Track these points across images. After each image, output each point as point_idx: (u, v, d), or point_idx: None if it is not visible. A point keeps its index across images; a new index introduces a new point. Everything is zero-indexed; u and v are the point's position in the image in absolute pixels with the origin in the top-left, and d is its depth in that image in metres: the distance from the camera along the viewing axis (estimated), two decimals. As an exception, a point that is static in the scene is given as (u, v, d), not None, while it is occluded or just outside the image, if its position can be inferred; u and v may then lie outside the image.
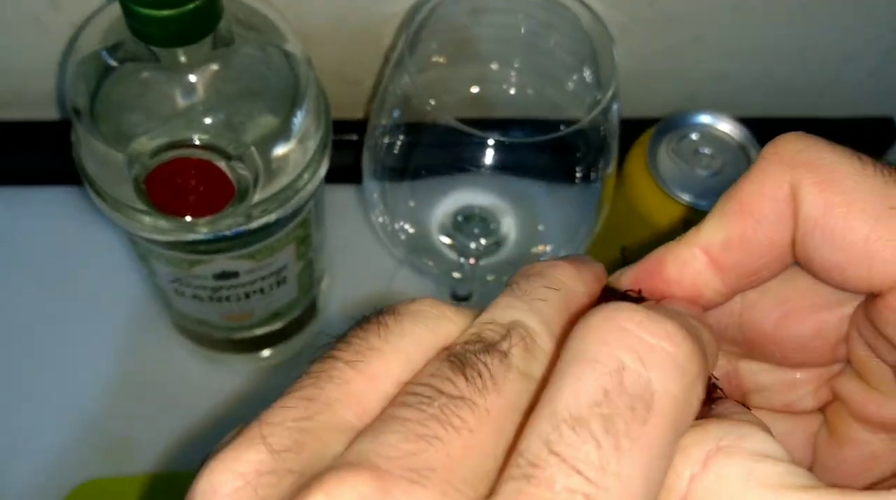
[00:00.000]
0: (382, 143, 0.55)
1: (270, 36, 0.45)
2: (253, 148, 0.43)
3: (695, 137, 0.56)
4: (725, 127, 0.56)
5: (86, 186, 0.46)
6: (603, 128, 0.51)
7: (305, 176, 0.47)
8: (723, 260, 0.25)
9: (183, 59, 0.41)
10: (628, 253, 0.60)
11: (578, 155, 0.52)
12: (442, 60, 0.56)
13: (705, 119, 0.56)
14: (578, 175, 0.54)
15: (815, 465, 0.28)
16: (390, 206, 0.57)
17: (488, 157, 0.50)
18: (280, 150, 0.45)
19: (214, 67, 0.42)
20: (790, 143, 0.24)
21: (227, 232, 0.46)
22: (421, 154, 0.55)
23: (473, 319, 0.22)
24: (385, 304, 0.23)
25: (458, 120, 0.48)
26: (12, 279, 0.63)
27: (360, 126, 0.61)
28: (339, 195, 0.65)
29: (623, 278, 0.26)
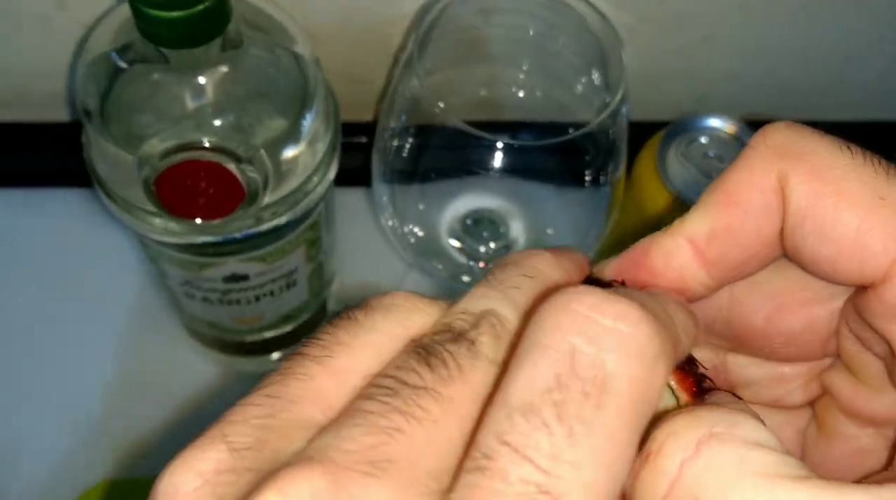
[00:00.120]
0: (391, 145, 0.55)
1: (279, 38, 0.45)
2: (262, 150, 0.43)
3: (704, 140, 0.56)
4: (735, 130, 0.56)
5: (96, 188, 0.46)
6: (612, 131, 0.51)
7: (315, 179, 0.47)
8: (708, 252, 0.24)
9: (192, 60, 0.41)
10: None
11: (587, 158, 0.52)
12: (451, 62, 0.56)
13: (715, 122, 0.56)
14: (588, 178, 0.54)
15: (804, 460, 0.27)
16: (399, 209, 0.57)
17: (497, 160, 0.50)
18: (290, 152, 0.45)
19: (224, 69, 0.42)
20: (778, 132, 0.23)
21: (237, 235, 0.46)
22: (430, 157, 0.55)
23: (448, 310, 0.21)
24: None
25: (467, 123, 0.48)
26: (21, 281, 0.64)
27: (369, 128, 0.61)
28: (349, 198, 0.65)
29: (607, 268, 0.26)
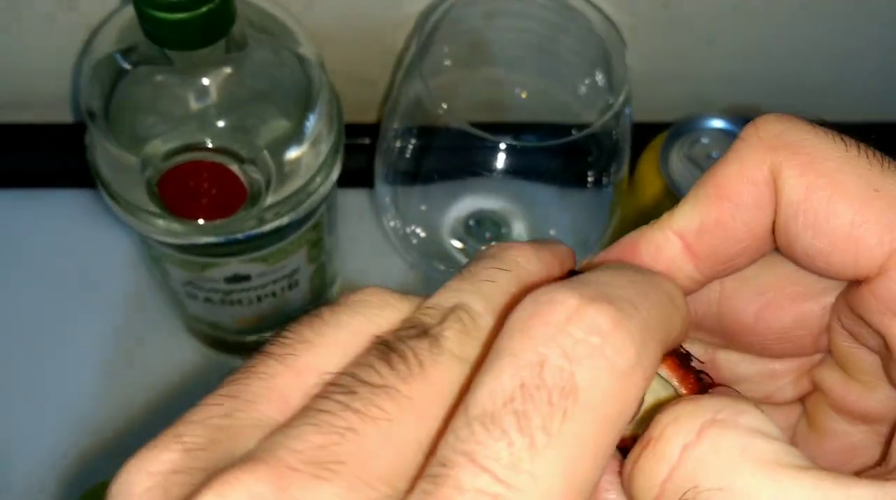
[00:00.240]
0: (394, 146, 0.55)
1: (283, 39, 0.45)
2: (265, 151, 0.43)
3: (707, 141, 0.56)
4: (737, 131, 0.56)
5: (99, 189, 0.46)
6: (615, 132, 0.51)
7: (318, 179, 0.47)
8: (698, 246, 0.23)
9: (196, 62, 0.41)
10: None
11: (590, 159, 0.52)
12: (454, 64, 0.56)
13: (717, 123, 0.56)
14: (590, 179, 0.54)
15: None
16: (402, 210, 0.57)
17: (500, 161, 0.50)
18: (292, 153, 0.45)
19: (227, 71, 0.42)
20: (770, 124, 0.23)
21: (240, 235, 0.46)
22: (433, 158, 0.55)
23: (419, 305, 0.20)
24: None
25: (470, 124, 0.48)
26: (23, 281, 0.64)
27: (372, 130, 0.61)
28: (352, 199, 0.65)
29: (594, 262, 0.25)
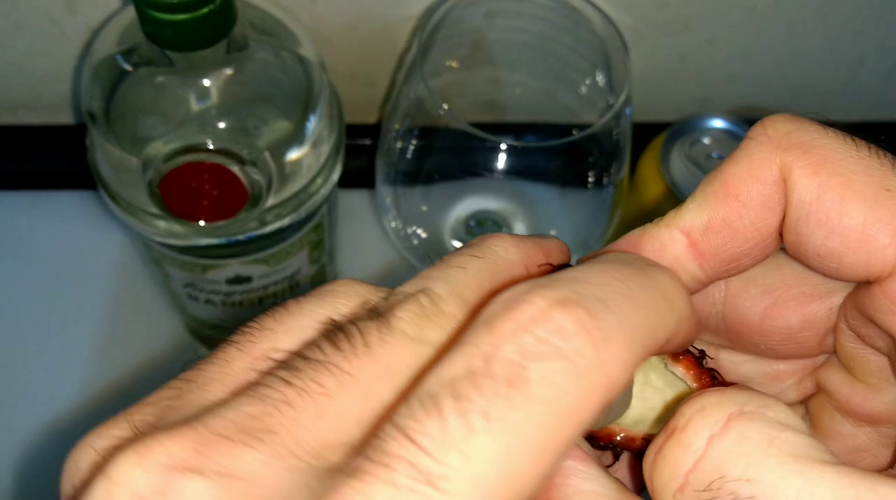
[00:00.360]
0: (395, 147, 0.55)
1: (284, 40, 0.45)
2: (266, 152, 0.43)
3: (707, 141, 0.56)
4: (738, 131, 0.56)
5: (100, 191, 0.46)
6: (615, 132, 0.51)
7: (319, 180, 0.47)
8: (703, 244, 0.23)
9: (197, 63, 0.41)
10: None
11: (591, 159, 0.52)
12: (455, 64, 0.56)
13: (718, 123, 0.56)
14: (591, 180, 0.54)
15: None
16: (403, 210, 0.57)
17: (501, 161, 0.50)
18: (293, 154, 0.45)
19: (228, 72, 0.42)
20: (780, 124, 0.22)
21: (241, 237, 0.46)
22: (434, 159, 0.55)
23: (388, 293, 0.21)
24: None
25: (471, 124, 0.48)
26: (25, 282, 0.64)
27: (373, 130, 0.61)
28: (353, 200, 0.65)
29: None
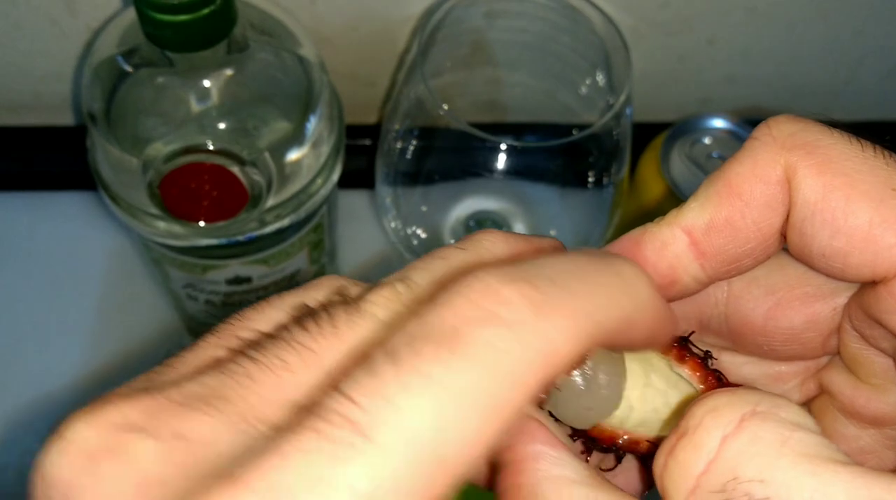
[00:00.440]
0: (395, 147, 0.55)
1: (284, 41, 0.45)
2: (266, 153, 0.43)
3: (707, 141, 0.56)
4: (738, 131, 0.56)
5: (100, 191, 0.46)
6: (615, 132, 0.51)
7: (318, 181, 0.47)
8: (705, 243, 0.23)
9: (197, 64, 0.41)
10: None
11: (591, 159, 0.52)
12: (455, 65, 0.56)
13: (718, 123, 0.56)
14: (591, 180, 0.54)
15: None
16: (403, 211, 0.57)
17: (501, 161, 0.50)
18: (293, 155, 0.45)
19: (229, 72, 0.42)
20: (784, 124, 0.23)
21: (241, 237, 0.46)
22: (434, 159, 0.55)
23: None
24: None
25: (471, 124, 0.48)
26: (25, 284, 0.64)
27: (373, 131, 0.61)
28: (352, 200, 0.65)
29: None
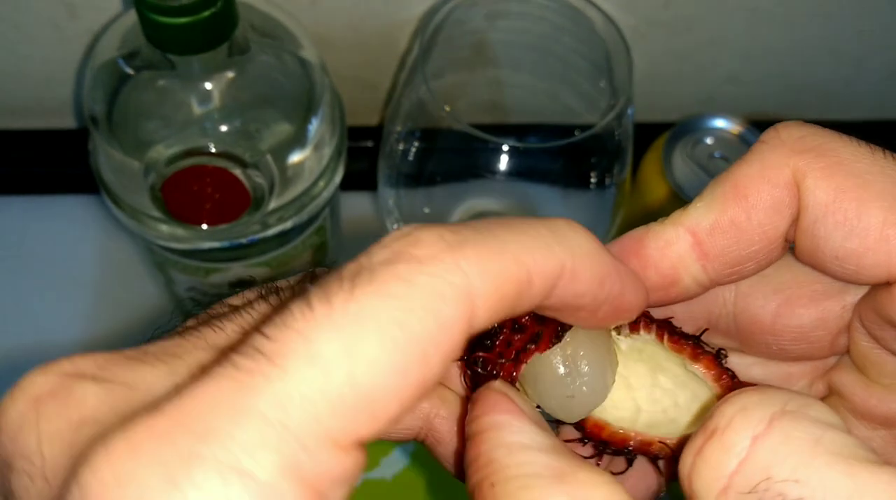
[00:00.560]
0: (397, 149, 0.55)
1: (286, 43, 0.45)
2: (268, 155, 0.43)
3: (709, 141, 0.55)
4: (740, 131, 0.56)
5: (103, 195, 0.46)
6: (617, 132, 0.51)
7: (321, 183, 0.47)
8: (709, 244, 0.23)
9: (199, 66, 0.41)
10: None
11: (593, 160, 0.52)
12: (456, 66, 0.56)
13: (720, 123, 0.56)
14: (593, 180, 0.54)
15: None
16: (406, 212, 0.57)
17: (503, 162, 0.50)
18: (295, 157, 0.45)
19: (230, 75, 0.42)
20: (793, 129, 0.23)
21: (243, 240, 0.46)
22: (436, 160, 0.55)
23: None
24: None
25: (473, 125, 0.48)
26: (27, 287, 0.64)
27: (375, 133, 0.61)
28: (355, 202, 0.65)
29: None
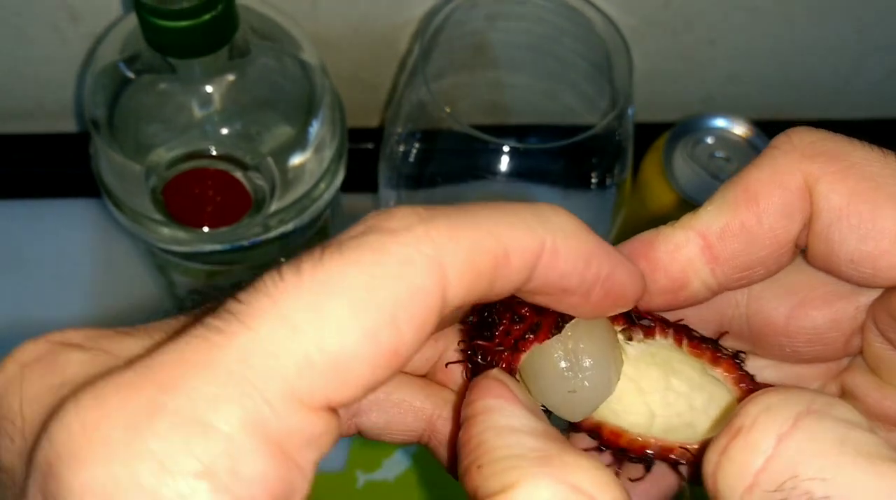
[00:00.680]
0: (398, 151, 0.55)
1: (286, 45, 0.45)
2: (269, 158, 0.43)
3: (710, 140, 0.56)
4: (741, 130, 0.56)
5: (104, 198, 0.46)
6: (618, 133, 0.51)
7: (322, 185, 0.47)
8: (719, 248, 0.23)
9: (199, 70, 0.41)
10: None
11: (594, 160, 0.52)
12: (457, 67, 0.56)
13: (720, 123, 0.56)
14: (594, 181, 0.54)
15: None
16: (406, 214, 0.57)
17: (503, 163, 0.50)
18: (296, 159, 0.45)
19: (230, 78, 0.42)
20: (805, 134, 0.23)
21: (245, 242, 0.46)
22: (436, 162, 0.55)
23: None
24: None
25: (474, 126, 0.48)
26: (28, 291, 0.64)
27: (375, 134, 0.61)
28: (356, 204, 0.65)
29: None
